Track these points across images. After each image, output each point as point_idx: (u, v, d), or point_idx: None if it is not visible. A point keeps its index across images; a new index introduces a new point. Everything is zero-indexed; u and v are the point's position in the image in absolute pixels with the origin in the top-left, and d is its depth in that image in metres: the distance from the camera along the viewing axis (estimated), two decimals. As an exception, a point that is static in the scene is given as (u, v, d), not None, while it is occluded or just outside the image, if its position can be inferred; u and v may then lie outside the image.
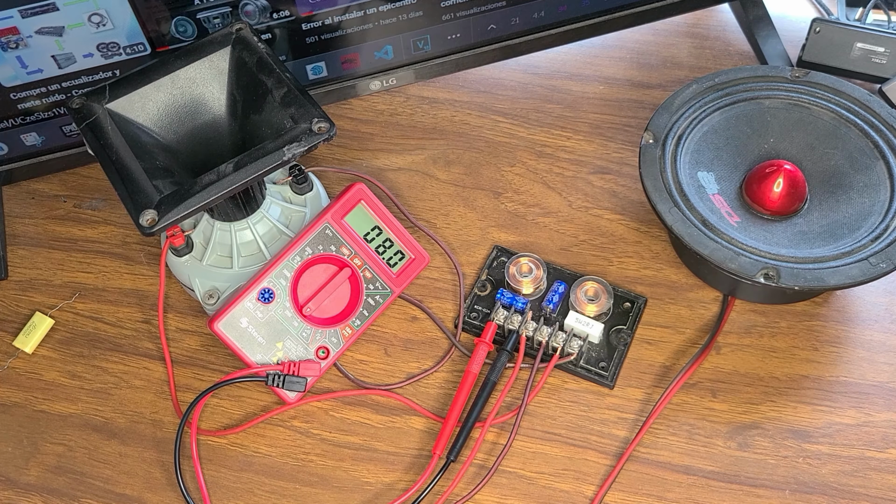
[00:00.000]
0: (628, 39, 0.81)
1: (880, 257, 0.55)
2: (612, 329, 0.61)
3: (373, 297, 0.61)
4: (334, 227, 0.60)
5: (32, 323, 0.64)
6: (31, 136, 0.66)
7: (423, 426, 0.58)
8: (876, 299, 0.63)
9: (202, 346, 0.63)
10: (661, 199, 0.59)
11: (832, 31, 0.73)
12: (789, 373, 0.60)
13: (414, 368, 0.61)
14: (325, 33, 0.66)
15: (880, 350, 0.60)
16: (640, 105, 0.76)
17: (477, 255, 0.67)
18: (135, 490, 0.57)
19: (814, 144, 0.63)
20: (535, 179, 0.71)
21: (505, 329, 0.61)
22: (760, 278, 0.54)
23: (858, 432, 0.57)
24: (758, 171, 0.61)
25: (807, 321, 0.62)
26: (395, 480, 0.56)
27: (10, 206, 0.72)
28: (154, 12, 0.60)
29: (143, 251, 0.69)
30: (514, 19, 0.71)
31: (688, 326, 0.62)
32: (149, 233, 0.51)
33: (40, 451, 0.59)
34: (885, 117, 0.62)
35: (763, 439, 0.57)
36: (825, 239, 0.58)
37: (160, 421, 0.60)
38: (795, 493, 0.54)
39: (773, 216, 0.61)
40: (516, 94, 0.78)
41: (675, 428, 0.57)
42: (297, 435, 0.58)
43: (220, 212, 0.61)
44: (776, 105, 0.65)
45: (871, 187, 0.60)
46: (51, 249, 0.69)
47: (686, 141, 0.63)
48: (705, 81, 0.65)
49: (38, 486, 0.57)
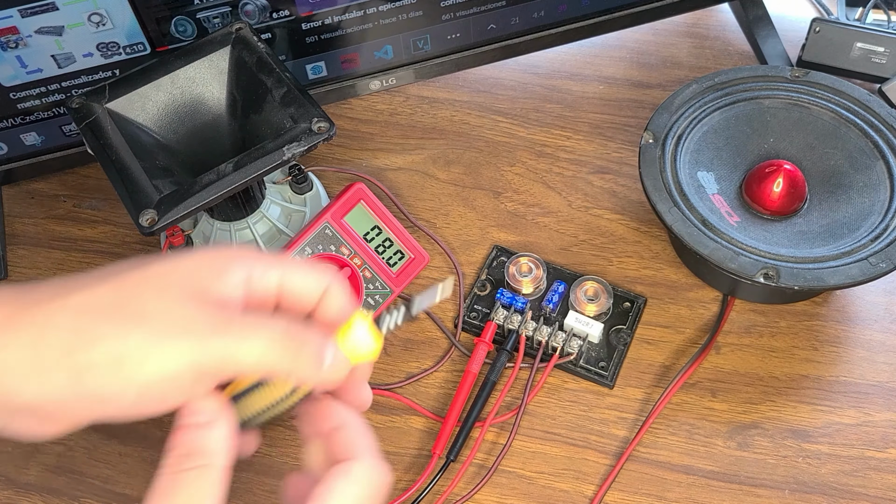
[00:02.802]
0: (628, 39, 0.81)
1: (880, 257, 0.55)
2: (611, 329, 0.61)
3: (372, 296, 0.61)
4: (334, 227, 0.60)
5: (32, 323, 0.64)
6: (31, 135, 0.66)
7: (422, 426, 0.58)
8: (876, 299, 0.63)
9: (202, 346, 0.63)
10: (661, 199, 0.59)
11: (832, 31, 0.73)
12: (789, 372, 0.60)
13: (413, 368, 0.61)
14: (325, 33, 0.66)
15: (880, 350, 0.60)
16: (639, 105, 0.76)
17: (477, 255, 0.66)
18: (135, 490, 0.57)
19: (813, 144, 0.63)
20: (535, 179, 0.71)
21: (505, 329, 0.61)
22: (760, 278, 0.54)
23: (858, 432, 0.57)
24: (757, 171, 0.61)
25: (806, 321, 0.62)
26: (394, 480, 0.56)
27: (10, 206, 0.72)
28: (154, 12, 0.60)
29: (143, 251, 0.69)
30: (513, 19, 0.71)
31: (687, 326, 0.62)
32: (148, 233, 0.51)
33: (40, 450, 0.59)
34: (885, 117, 0.62)
35: (763, 439, 0.57)
36: (825, 239, 0.58)
37: (160, 421, 0.59)
38: (795, 493, 0.54)
39: (773, 216, 0.61)
40: (516, 94, 0.78)
41: (675, 428, 0.57)
42: (296, 435, 0.58)
43: (220, 211, 0.61)
44: (776, 105, 0.65)
45: (870, 187, 0.60)
46: (50, 249, 0.69)
47: (686, 141, 0.63)
48: (705, 81, 0.65)
49: (38, 486, 0.57)
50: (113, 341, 0.31)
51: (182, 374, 0.32)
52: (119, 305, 0.32)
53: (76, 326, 0.31)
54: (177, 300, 0.32)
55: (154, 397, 0.32)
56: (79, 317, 0.31)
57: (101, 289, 0.32)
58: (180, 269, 0.33)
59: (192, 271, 0.33)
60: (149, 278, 0.33)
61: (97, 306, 0.31)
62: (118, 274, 0.33)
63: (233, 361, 0.32)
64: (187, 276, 0.33)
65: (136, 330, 0.31)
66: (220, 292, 0.33)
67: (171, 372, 0.31)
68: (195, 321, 0.32)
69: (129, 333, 0.31)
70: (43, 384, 0.31)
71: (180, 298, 0.32)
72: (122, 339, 0.31)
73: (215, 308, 0.32)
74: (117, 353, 0.31)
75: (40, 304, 0.31)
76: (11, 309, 0.31)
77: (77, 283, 0.32)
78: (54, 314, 0.31)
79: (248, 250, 0.36)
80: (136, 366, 0.31)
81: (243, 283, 0.34)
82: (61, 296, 0.32)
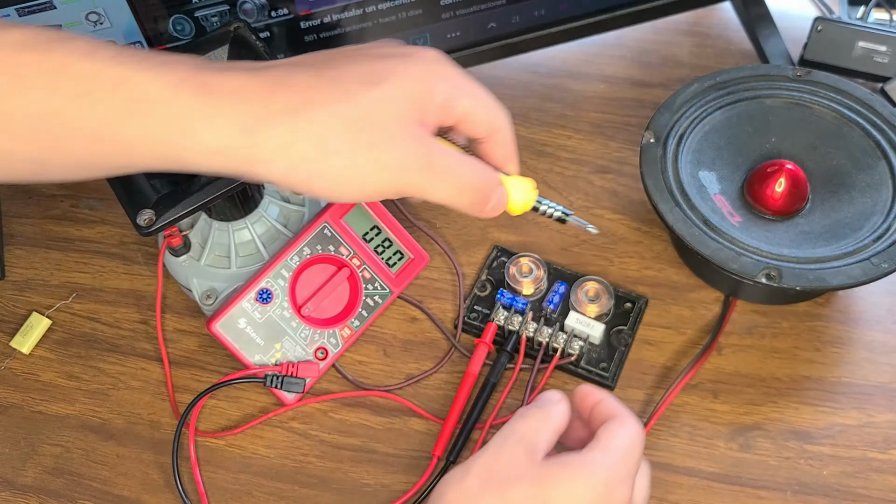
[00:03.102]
0: (629, 38, 0.81)
1: (882, 257, 0.55)
2: (612, 329, 0.61)
3: (372, 297, 0.61)
4: (333, 227, 0.60)
5: (29, 323, 0.64)
6: (28, 135, 0.66)
7: (422, 427, 0.58)
8: (878, 300, 0.63)
9: (200, 347, 0.63)
10: (663, 199, 0.58)
11: (834, 30, 0.73)
12: (791, 373, 0.59)
13: (413, 369, 0.61)
14: (324, 32, 0.66)
15: (882, 351, 0.60)
16: (640, 104, 0.76)
17: (477, 255, 0.66)
18: (132, 492, 0.56)
19: (815, 144, 0.63)
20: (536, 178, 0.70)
21: (505, 330, 0.60)
22: (762, 278, 0.54)
23: (860, 433, 0.56)
24: (759, 171, 0.61)
25: (809, 322, 0.62)
26: (394, 482, 0.56)
27: (7, 206, 0.72)
28: (152, 10, 0.60)
29: (141, 251, 0.68)
30: (514, 17, 0.71)
31: (689, 327, 0.62)
32: (146, 233, 0.50)
33: (37, 452, 0.58)
34: (888, 116, 0.62)
35: (764, 440, 0.56)
36: (827, 239, 0.58)
37: (158, 422, 0.59)
38: (797, 495, 0.54)
39: (775, 216, 0.60)
40: (516, 93, 0.77)
41: (677, 429, 0.57)
42: (295, 436, 0.58)
43: (218, 211, 0.60)
44: (778, 104, 0.64)
45: (873, 187, 0.60)
46: (48, 249, 0.69)
47: (687, 140, 0.62)
48: (706, 80, 0.65)
49: (36, 488, 0.57)
50: (345, 159, 0.40)
51: (387, 192, 0.41)
52: (355, 129, 0.39)
53: (319, 141, 0.39)
54: (398, 131, 0.40)
55: (360, 200, 0.46)
56: (322, 132, 0.39)
57: (341, 107, 0.39)
58: (407, 93, 0.41)
59: (414, 95, 0.41)
60: (383, 104, 0.40)
61: (337, 126, 0.39)
62: (355, 91, 0.40)
63: (425, 195, 0.42)
64: (410, 103, 0.41)
65: (365, 155, 0.40)
66: (426, 112, 0.42)
67: (382, 191, 0.41)
68: (408, 157, 0.41)
69: (359, 156, 0.40)
70: (287, 176, 0.40)
71: (402, 128, 0.40)
72: (352, 159, 0.40)
73: (422, 134, 0.41)
74: (347, 170, 0.40)
75: (290, 112, 0.39)
76: (268, 111, 0.39)
77: (320, 94, 0.40)
78: (302, 126, 0.39)
79: (450, 69, 0.43)
80: (357, 183, 0.40)
81: (442, 104, 0.42)
82: (308, 107, 0.39)
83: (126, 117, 0.39)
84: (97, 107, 0.38)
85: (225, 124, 0.39)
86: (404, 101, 0.41)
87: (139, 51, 0.41)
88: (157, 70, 0.38)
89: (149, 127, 0.39)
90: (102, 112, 0.38)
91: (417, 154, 0.41)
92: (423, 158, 0.41)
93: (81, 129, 0.39)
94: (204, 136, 0.39)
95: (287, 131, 0.39)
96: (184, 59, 0.40)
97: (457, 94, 0.43)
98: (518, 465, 0.40)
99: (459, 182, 0.43)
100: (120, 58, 0.39)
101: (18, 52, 0.38)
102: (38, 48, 0.38)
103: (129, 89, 0.38)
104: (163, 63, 0.39)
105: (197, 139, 0.39)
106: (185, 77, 0.39)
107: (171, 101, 0.38)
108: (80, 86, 0.38)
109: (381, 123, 0.40)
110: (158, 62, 0.39)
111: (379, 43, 0.45)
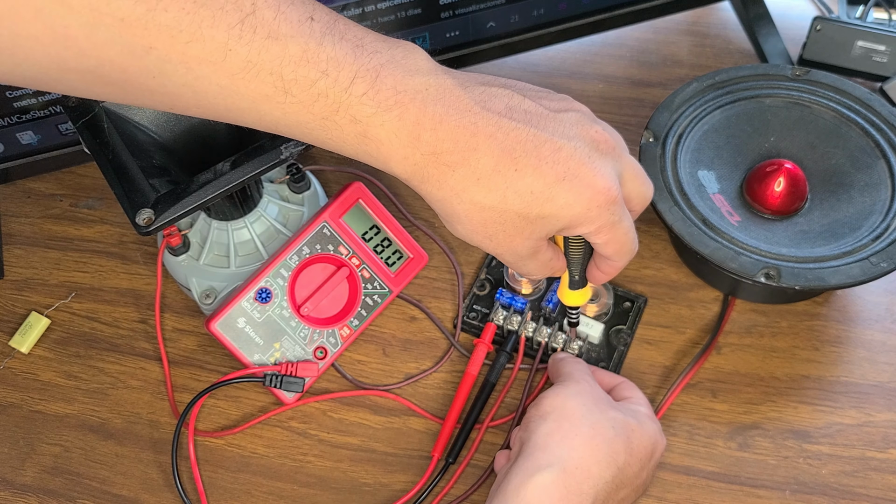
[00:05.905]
0: (628, 37, 0.81)
1: (881, 256, 0.55)
2: (612, 329, 0.61)
3: (371, 296, 0.61)
4: (332, 227, 0.60)
5: (28, 323, 0.64)
6: (27, 134, 0.66)
7: (421, 427, 0.58)
8: (877, 299, 0.63)
9: (199, 347, 0.63)
10: (662, 198, 0.58)
11: (833, 30, 0.73)
12: (790, 373, 0.59)
13: (413, 369, 0.61)
14: (323, 31, 0.66)
15: (881, 350, 0.60)
16: (640, 103, 0.76)
17: (476, 255, 0.66)
18: (132, 491, 0.56)
19: (814, 143, 0.63)
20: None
21: (504, 329, 0.60)
22: (761, 278, 0.54)
23: (859, 432, 0.56)
24: (758, 171, 0.61)
25: (808, 321, 0.62)
26: (393, 481, 0.56)
27: (6, 206, 0.72)
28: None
29: (140, 251, 0.68)
30: (513, 17, 0.71)
31: (688, 326, 0.62)
32: (145, 232, 0.50)
33: (37, 451, 0.58)
34: (886, 116, 0.62)
35: (763, 440, 0.56)
36: (826, 238, 0.58)
37: (157, 422, 0.59)
38: (796, 494, 0.54)
39: (774, 215, 0.60)
40: (515, 93, 0.77)
41: (676, 428, 0.57)
42: (294, 436, 0.58)
43: (218, 211, 0.60)
44: (777, 104, 0.64)
45: (871, 186, 0.60)
46: (47, 249, 0.69)
47: (686, 140, 0.62)
48: (706, 80, 0.65)
49: (35, 487, 0.57)
50: (481, 237, 0.43)
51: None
52: (529, 153, 0.40)
53: (497, 161, 0.40)
54: (527, 236, 0.43)
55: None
56: (502, 152, 0.40)
57: (521, 133, 0.40)
58: (570, 222, 0.42)
59: (569, 231, 0.44)
60: (548, 224, 0.42)
61: (515, 149, 0.40)
62: (532, 123, 0.41)
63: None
64: (559, 229, 0.43)
65: (488, 243, 0.43)
66: (559, 232, 0.44)
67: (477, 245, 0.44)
68: (518, 251, 0.44)
69: (486, 243, 0.43)
70: (478, 195, 0.41)
71: (532, 238, 0.43)
72: (480, 240, 0.43)
73: (539, 243, 0.45)
74: (468, 238, 0.44)
75: (479, 135, 0.40)
76: (454, 128, 0.40)
77: (503, 124, 0.40)
78: (482, 149, 0.40)
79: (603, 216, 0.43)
80: (544, 200, 0.41)
81: (582, 234, 0.44)
82: (490, 131, 0.40)
83: (341, 139, 0.41)
84: (333, 133, 0.40)
85: (415, 171, 0.41)
86: (556, 230, 0.43)
87: (381, 67, 0.40)
88: (391, 113, 0.39)
89: (348, 144, 0.41)
90: (333, 134, 0.40)
91: (520, 252, 0.45)
92: (526, 255, 0.45)
93: (289, 125, 0.40)
94: (395, 169, 0.41)
95: (459, 181, 0.41)
96: (417, 100, 0.40)
97: (608, 240, 0.45)
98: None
99: (543, 270, 0.48)
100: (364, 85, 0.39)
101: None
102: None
103: (363, 129, 0.40)
104: (398, 104, 0.39)
105: (386, 167, 0.42)
106: (414, 123, 0.39)
107: (385, 143, 0.40)
108: (325, 111, 0.39)
109: (525, 231, 0.43)
110: (394, 103, 0.39)
111: (558, 103, 0.44)
